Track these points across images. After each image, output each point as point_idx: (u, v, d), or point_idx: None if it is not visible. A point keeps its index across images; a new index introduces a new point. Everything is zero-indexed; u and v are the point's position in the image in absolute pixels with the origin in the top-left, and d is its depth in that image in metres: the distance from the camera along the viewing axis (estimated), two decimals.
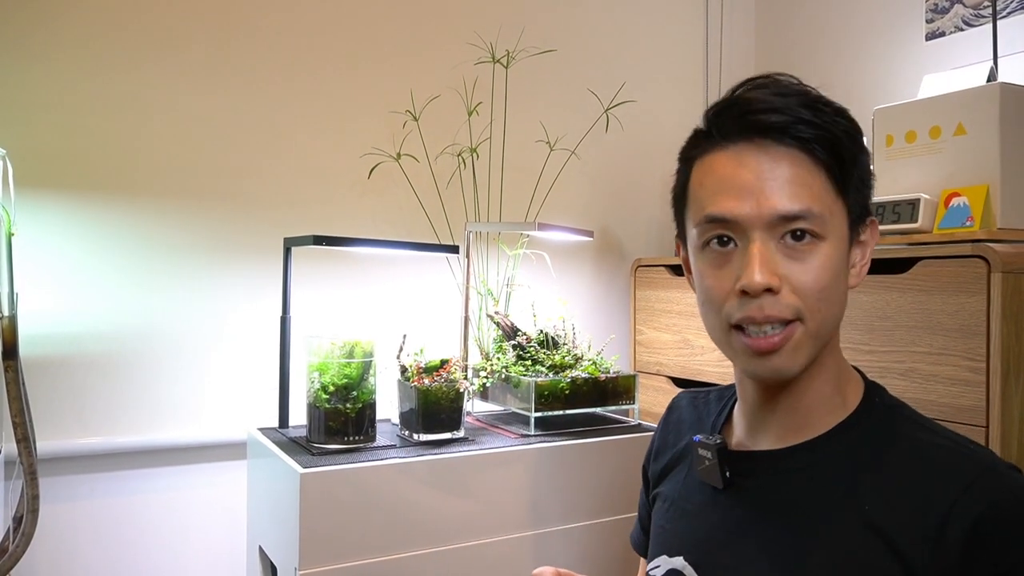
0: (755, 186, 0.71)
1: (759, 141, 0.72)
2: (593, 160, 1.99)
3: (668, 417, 1.00)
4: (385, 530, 1.18)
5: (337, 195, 1.70)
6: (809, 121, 0.70)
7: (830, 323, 0.73)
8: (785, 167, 0.71)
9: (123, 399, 1.49)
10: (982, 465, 0.67)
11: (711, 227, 0.73)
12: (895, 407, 0.77)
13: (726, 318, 0.73)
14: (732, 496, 0.80)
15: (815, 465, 0.75)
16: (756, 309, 0.70)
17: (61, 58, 1.44)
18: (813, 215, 0.70)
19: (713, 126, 0.75)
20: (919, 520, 0.66)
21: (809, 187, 0.70)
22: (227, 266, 1.58)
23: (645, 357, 1.92)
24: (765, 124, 0.71)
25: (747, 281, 0.70)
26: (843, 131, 0.72)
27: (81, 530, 1.46)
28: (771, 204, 0.70)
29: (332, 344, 1.28)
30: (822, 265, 0.71)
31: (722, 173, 0.73)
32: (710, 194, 0.74)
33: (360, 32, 1.72)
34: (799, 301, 0.70)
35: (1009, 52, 1.60)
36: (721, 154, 0.74)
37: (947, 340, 1.20)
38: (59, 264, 1.44)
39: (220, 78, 1.58)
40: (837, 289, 0.72)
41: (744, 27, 2.28)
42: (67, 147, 1.45)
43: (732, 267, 0.72)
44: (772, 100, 0.72)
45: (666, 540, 0.86)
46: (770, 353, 0.72)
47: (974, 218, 1.27)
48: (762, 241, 0.70)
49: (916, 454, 0.71)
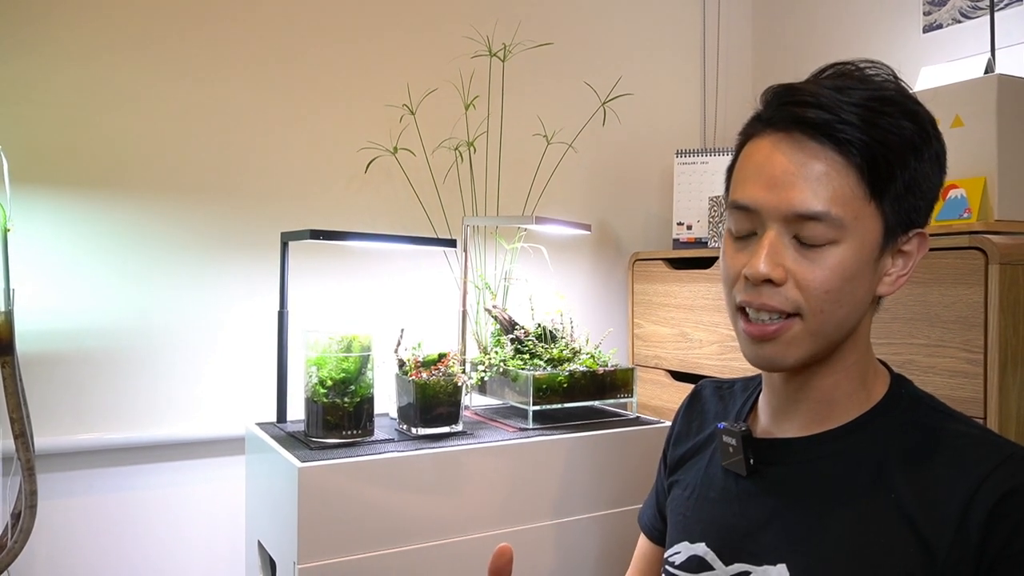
0: (781, 179, 0.71)
1: (798, 135, 0.71)
2: (590, 154, 1.99)
3: (691, 404, 1.00)
4: (383, 524, 1.18)
5: (334, 189, 1.69)
6: (851, 123, 0.69)
7: (835, 325, 0.73)
8: (816, 165, 0.70)
9: (121, 395, 1.48)
10: (1004, 453, 0.68)
11: (736, 212, 0.75)
12: (920, 398, 0.78)
13: (733, 299, 0.76)
14: (755, 484, 0.81)
15: (839, 453, 0.75)
16: (755, 294, 0.73)
17: (56, 53, 1.43)
18: (831, 217, 0.69)
19: (763, 110, 0.76)
20: (943, 508, 0.67)
21: (835, 188, 0.69)
22: (224, 261, 1.58)
23: (643, 351, 1.92)
24: (805, 119, 0.71)
25: (750, 269, 0.72)
26: (899, 137, 0.70)
27: (79, 526, 1.46)
28: (790, 200, 0.70)
29: (330, 338, 1.28)
30: (833, 267, 0.70)
31: (756, 160, 0.74)
32: (742, 179, 0.75)
33: (356, 26, 1.71)
34: (801, 297, 0.71)
35: (1006, 44, 1.60)
36: (763, 141, 0.74)
37: (945, 332, 1.20)
38: (55, 260, 1.43)
39: (216, 72, 1.57)
40: (849, 293, 0.71)
41: (741, 19, 2.27)
42: (63, 142, 1.44)
43: (748, 252, 0.74)
44: (824, 94, 0.70)
45: (687, 527, 0.87)
46: (763, 341, 0.73)
47: (971, 210, 1.27)
48: (776, 233, 0.71)
49: (941, 443, 0.71)
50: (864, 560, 0.69)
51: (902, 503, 0.69)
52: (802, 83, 0.74)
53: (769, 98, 0.75)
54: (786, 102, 0.73)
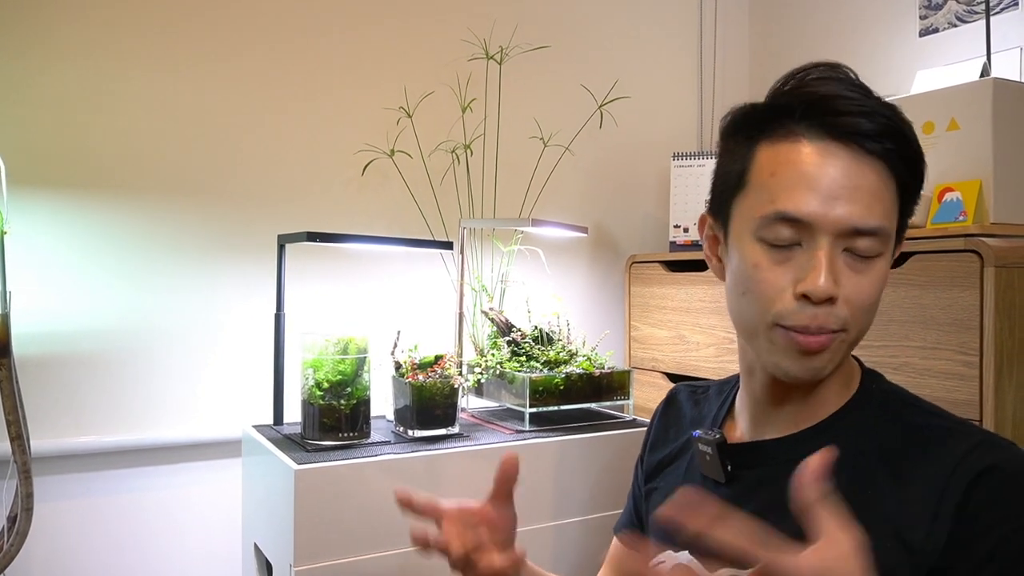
0: (838, 192, 0.67)
1: (846, 143, 0.68)
2: (587, 156, 1.99)
3: (666, 410, 1.00)
4: (380, 526, 1.18)
5: (331, 192, 1.69)
6: (897, 133, 0.68)
7: (864, 334, 0.74)
8: (870, 177, 0.68)
9: (117, 397, 1.48)
10: (975, 440, 0.68)
11: (781, 223, 0.69)
12: (891, 392, 0.78)
13: (774, 316, 0.70)
14: (735, 489, 0.80)
15: (815, 452, 0.75)
16: (811, 318, 0.69)
17: (52, 55, 1.43)
18: (883, 232, 0.69)
19: (795, 111, 0.70)
20: (918, 501, 0.67)
21: (883, 202, 0.69)
22: (221, 263, 1.58)
23: (640, 353, 1.92)
24: (856, 128, 0.68)
25: (813, 287, 0.67)
26: (919, 150, 0.71)
27: (75, 529, 1.46)
28: (850, 215, 0.67)
29: (326, 341, 1.28)
30: (875, 282, 0.70)
31: (804, 169, 0.69)
32: (786, 187, 0.69)
33: (354, 28, 1.72)
34: (849, 314, 0.69)
35: (1002, 48, 1.61)
36: (804, 147, 0.69)
37: (940, 334, 1.20)
38: (52, 262, 1.43)
39: (214, 74, 1.57)
40: (878, 303, 0.73)
41: (738, 22, 2.28)
42: (59, 144, 1.44)
43: (793, 265, 0.69)
44: (864, 103, 0.69)
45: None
46: (815, 354, 0.71)
47: (967, 213, 1.27)
48: (830, 247, 0.68)
49: (914, 437, 0.72)
50: None
51: (878, 499, 0.69)
52: (831, 89, 0.70)
53: (803, 100, 0.70)
54: (832, 110, 0.69)
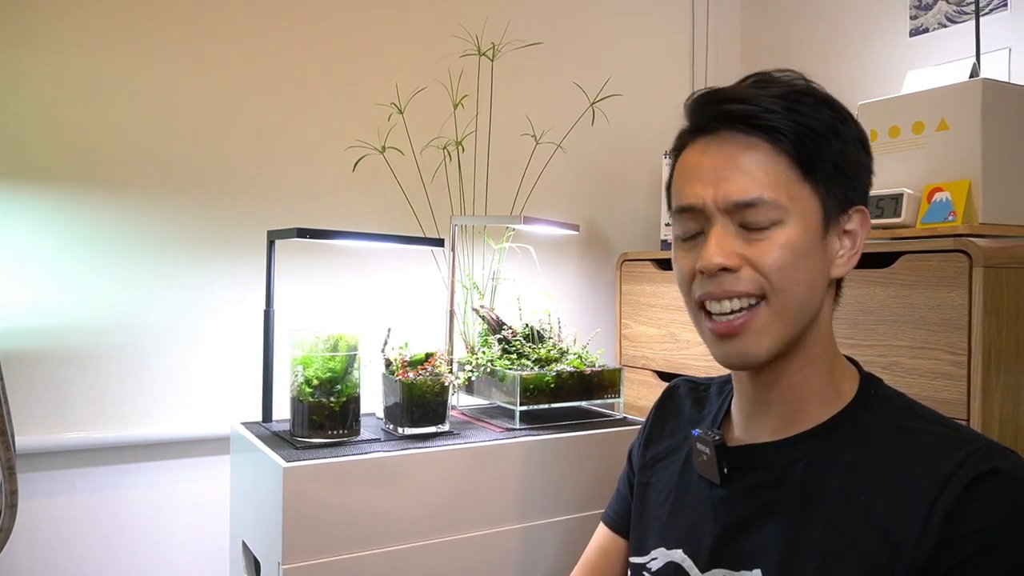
0: (713, 175, 0.74)
1: (725, 132, 0.75)
2: (579, 154, 1.99)
3: (664, 404, 1.00)
4: (369, 524, 1.18)
5: (321, 188, 1.68)
6: (774, 111, 0.73)
7: (797, 305, 0.74)
8: (746, 155, 0.73)
9: (104, 393, 1.47)
10: (969, 448, 0.68)
11: (682, 217, 0.78)
12: (889, 398, 0.78)
13: (693, 298, 0.77)
14: (730, 490, 0.80)
15: (811, 457, 0.76)
16: (715, 284, 0.74)
17: (36, 46, 1.41)
18: (766, 202, 0.72)
19: (688, 119, 0.80)
20: (911, 509, 0.67)
21: (767, 174, 0.73)
22: (210, 259, 1.57)
23: (630, 351, 1.92)
24: (730, 113, 0.74)
25: (703, 261, 0.74)
26: (820, 121, 0.74)
27: (61, 526, 1.44)
28: (725, 191, 0.73)
29: (316, 338, 1.27)
30: (783, 244, 0.72)
31: (689, 164, 0.78)
32: (681, 185, 0.78)
33: (345, 24, 1.71)
34: (761, 278, 0.73)
35: (992, 48, 1.61)
36: (692, 149, 0.78)
37: (929, 334, 1.21)
38: (37, 256, 1.42)
39: (202, 68, 1.56)
40: (804, 270, 0.73)
41: (730, 21, 2.28)
42: (44, 137, 1.43)
43: (697, 250, 0.76)
44: (744, 91, 0.75)
45: (664, 532, 0.86)
46: (732, 336, 0.74)
47: (956, 213, 1.28)
48: (722, 225, 0.74)
49: (909, 444, 0.72)
50: (837, 565, 0.69)
51: (872, 507, 0.69)
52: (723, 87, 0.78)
53: (691, 106, 0.79)
54: (712, 102, 0.76)
